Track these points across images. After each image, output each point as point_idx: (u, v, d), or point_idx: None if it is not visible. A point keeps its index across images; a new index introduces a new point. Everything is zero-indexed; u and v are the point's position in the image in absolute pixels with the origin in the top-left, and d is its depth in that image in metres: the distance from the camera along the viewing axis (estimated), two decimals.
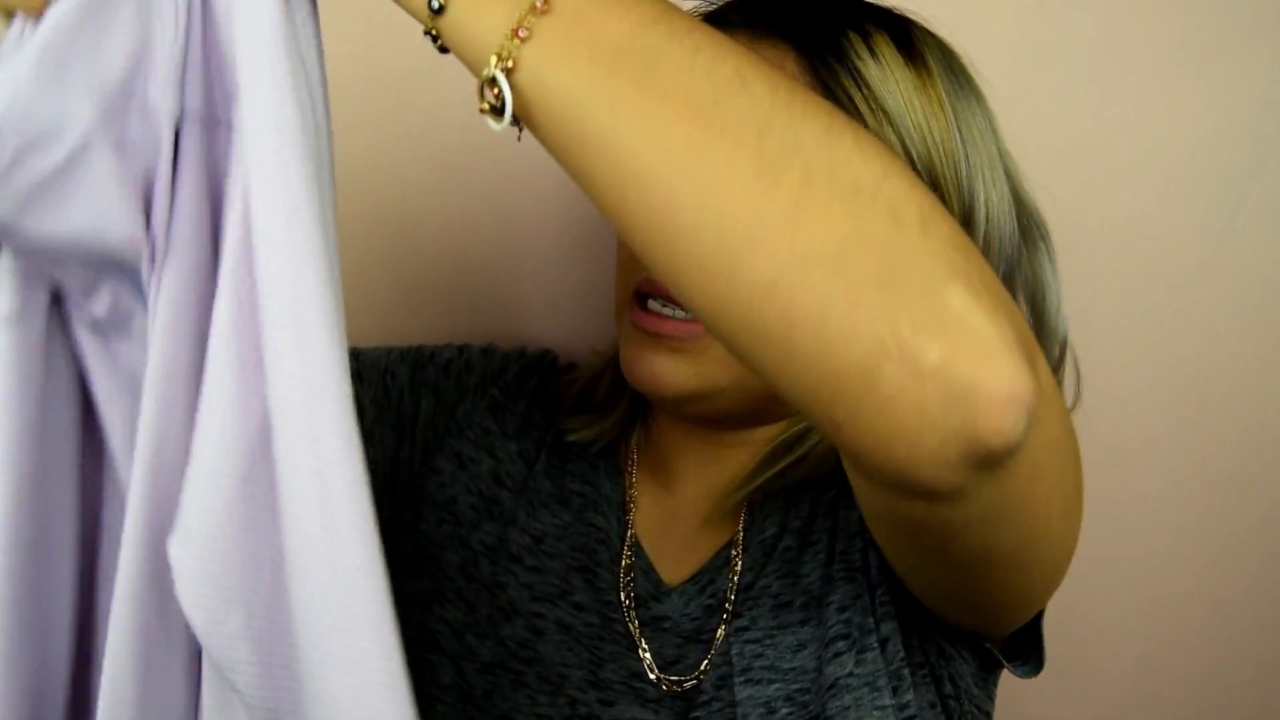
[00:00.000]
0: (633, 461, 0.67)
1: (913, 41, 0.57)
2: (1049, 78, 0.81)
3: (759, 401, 0.60)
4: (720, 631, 0.59)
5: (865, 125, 0.54)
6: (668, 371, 0.58)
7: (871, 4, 0.59)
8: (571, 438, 0.67)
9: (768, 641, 0.57)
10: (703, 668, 0.59)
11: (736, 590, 0.60)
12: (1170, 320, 0.85)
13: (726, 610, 0.60)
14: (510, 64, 0.35)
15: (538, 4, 0.35)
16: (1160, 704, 0.92)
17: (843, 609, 0.57)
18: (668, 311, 0.59)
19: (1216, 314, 0.84)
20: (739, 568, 0.61)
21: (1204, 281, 0.84)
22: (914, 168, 0.55)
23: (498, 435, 0.69)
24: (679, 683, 0.59)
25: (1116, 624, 0.88)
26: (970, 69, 0.60)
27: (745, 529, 0.62)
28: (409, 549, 0.66)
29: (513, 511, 0.66)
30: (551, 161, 0.93)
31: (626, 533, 0.65)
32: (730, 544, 0.62)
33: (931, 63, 0.57)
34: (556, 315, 0.87)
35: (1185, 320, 0.85)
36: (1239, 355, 0.85)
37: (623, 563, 0.63)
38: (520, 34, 0.35)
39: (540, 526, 0.65)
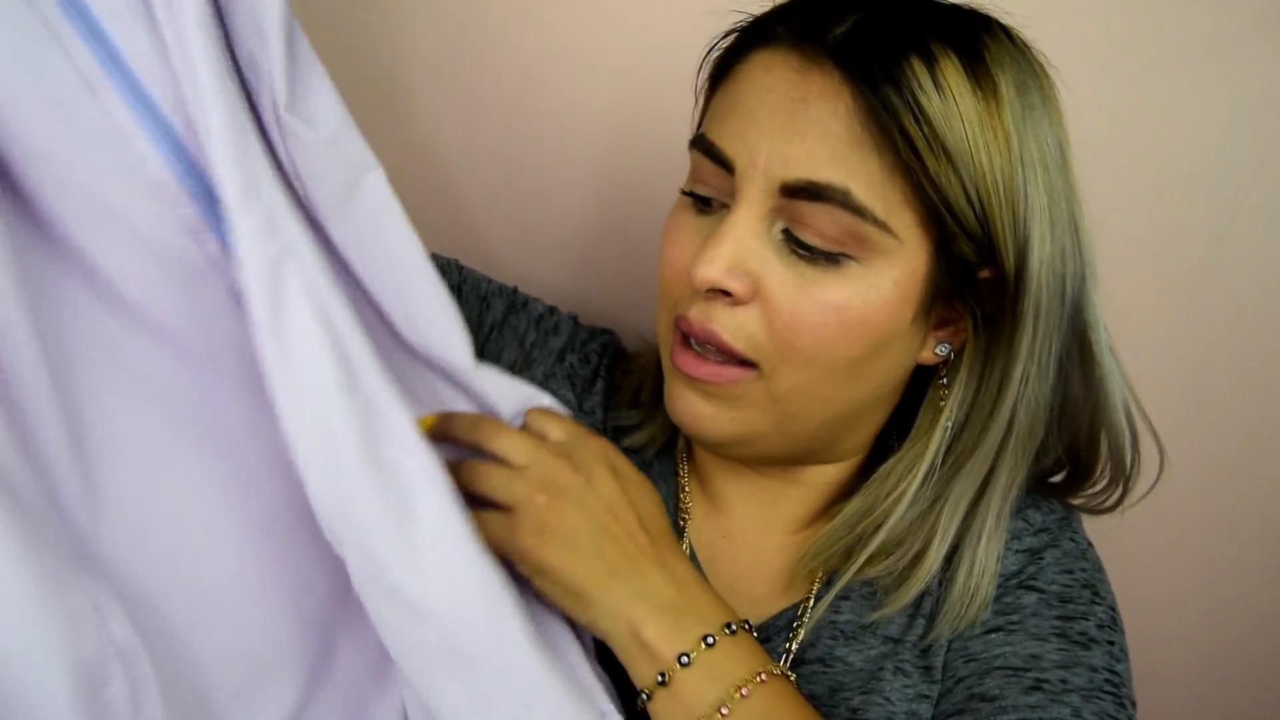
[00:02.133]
0: (684, 469, 0.66)
1: (984, 59, 0.52)
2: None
3: (803, 445, 0.59)
4: None
5: (924, 165, 0.50)
6: (706, 415, 0.57)
7: (943, 5, 0.55)
8: (625, 442, 0.65)
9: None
10: None
11: (791, 661, 0.60)
12: (1170, 319, 0.85)
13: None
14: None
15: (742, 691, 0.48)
16: (1160, 703, 0.92)
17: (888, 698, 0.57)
18: (702, 352, 0.56)
19: (1216, 314, 0.84)
20: (800, 637, 0.60)
21: (1204, 281, 0.84)
22: (970, 205, 0.52)
23: (574, 408, 0.66)
24: None
25: None
26: (1047, 68, 0.56)
27: (816, 599, 0.60)
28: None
29: None
30: (553, 162, 0.92)
31: (682, 539, 0.63)
32: (798, 608, 0.61)
33: (1003, 86, 0.52)
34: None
35: (1184, 319, 0.85)
36: (1238, 355, 0.85)
37: None
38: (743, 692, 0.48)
39: None
